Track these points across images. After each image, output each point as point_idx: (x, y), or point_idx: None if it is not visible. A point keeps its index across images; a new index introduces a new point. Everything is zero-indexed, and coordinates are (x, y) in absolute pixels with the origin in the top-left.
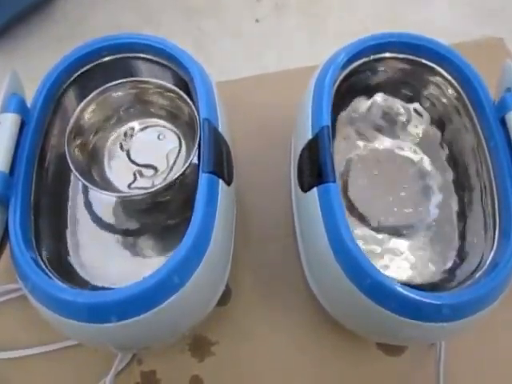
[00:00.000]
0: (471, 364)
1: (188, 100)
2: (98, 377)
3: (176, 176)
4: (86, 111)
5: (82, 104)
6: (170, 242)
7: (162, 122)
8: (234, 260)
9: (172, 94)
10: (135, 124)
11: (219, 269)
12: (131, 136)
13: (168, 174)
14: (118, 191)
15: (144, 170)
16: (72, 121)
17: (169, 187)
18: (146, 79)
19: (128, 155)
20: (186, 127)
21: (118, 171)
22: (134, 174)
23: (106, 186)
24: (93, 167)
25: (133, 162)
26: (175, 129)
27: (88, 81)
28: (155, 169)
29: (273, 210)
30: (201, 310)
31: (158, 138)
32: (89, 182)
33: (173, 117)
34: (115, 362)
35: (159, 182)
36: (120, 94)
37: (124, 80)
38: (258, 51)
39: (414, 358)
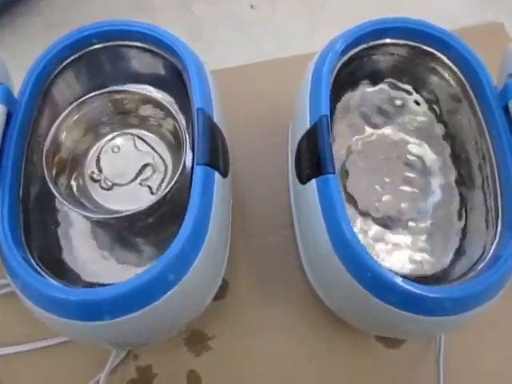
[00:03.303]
0: (470, 355)
1: (170, 108)
2: (93, 372)
3: (168, 189)
4: (63, 128)
5: (58, 121)
6: (165, 237)
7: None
8: (230, 253)
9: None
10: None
11: (216, 263)
12: (100, 174)
13: (162, 158)
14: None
15: (144, 174)
16: (48, 140)
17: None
18: (121, 88)
19: (121, 185)
20: (173, 140)
21: (123, 198)
22: (141, 184)
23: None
24: (81, 197)
25: (129, 182)
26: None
27: (77, 70)
28: (148, 165)
29: (270, 201)
30: (197, 306)
31: (113, 151)
32: (77, 207)
33: (156, 126)
34: (110, 357)
35: (164, 168)
36: (96, 106)
37: (97, 92)
38: (253, 38)
39: (414, 350)
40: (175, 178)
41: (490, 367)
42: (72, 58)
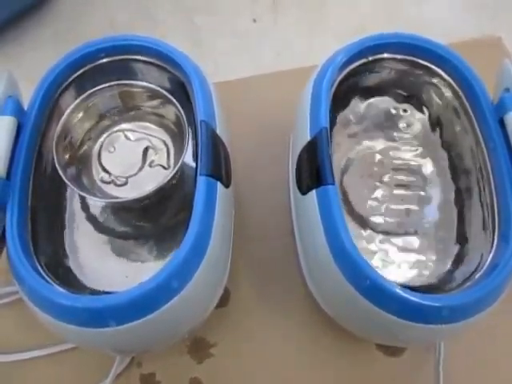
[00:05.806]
0: (470, 364)
1: (174, 101)
2: (97, 380)
3: (168, 179)
4: (73, 118)
5: (68, 111)
6: (168, 246)
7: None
8: (232, 261)
9: (158, 96)
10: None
11: (218, 272)
12: (110, 175)
13: (157, 138)
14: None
15: (149, 158)
16: (59, 128)
17: (164, 187)
18: (131, 82)
19: (134, 175)
20: (175, 128)
21: (142, 185)
22: (151, 166)
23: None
24: (92, 186)
25: (140, 170)
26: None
27: (85, 83)
28: (148, 148)
29: (271, 211)
30: (200, 313)
31: (109, 151)
32: (83, 191)
33: (160, 119)
34: (114, 364)
35: (164, 145)
36: (106, 98)
37: (109, 84)
38: (255, 51)
39: (414, 359)
40: (184, 152)
41: (489, 373)
42: (81, 71)
